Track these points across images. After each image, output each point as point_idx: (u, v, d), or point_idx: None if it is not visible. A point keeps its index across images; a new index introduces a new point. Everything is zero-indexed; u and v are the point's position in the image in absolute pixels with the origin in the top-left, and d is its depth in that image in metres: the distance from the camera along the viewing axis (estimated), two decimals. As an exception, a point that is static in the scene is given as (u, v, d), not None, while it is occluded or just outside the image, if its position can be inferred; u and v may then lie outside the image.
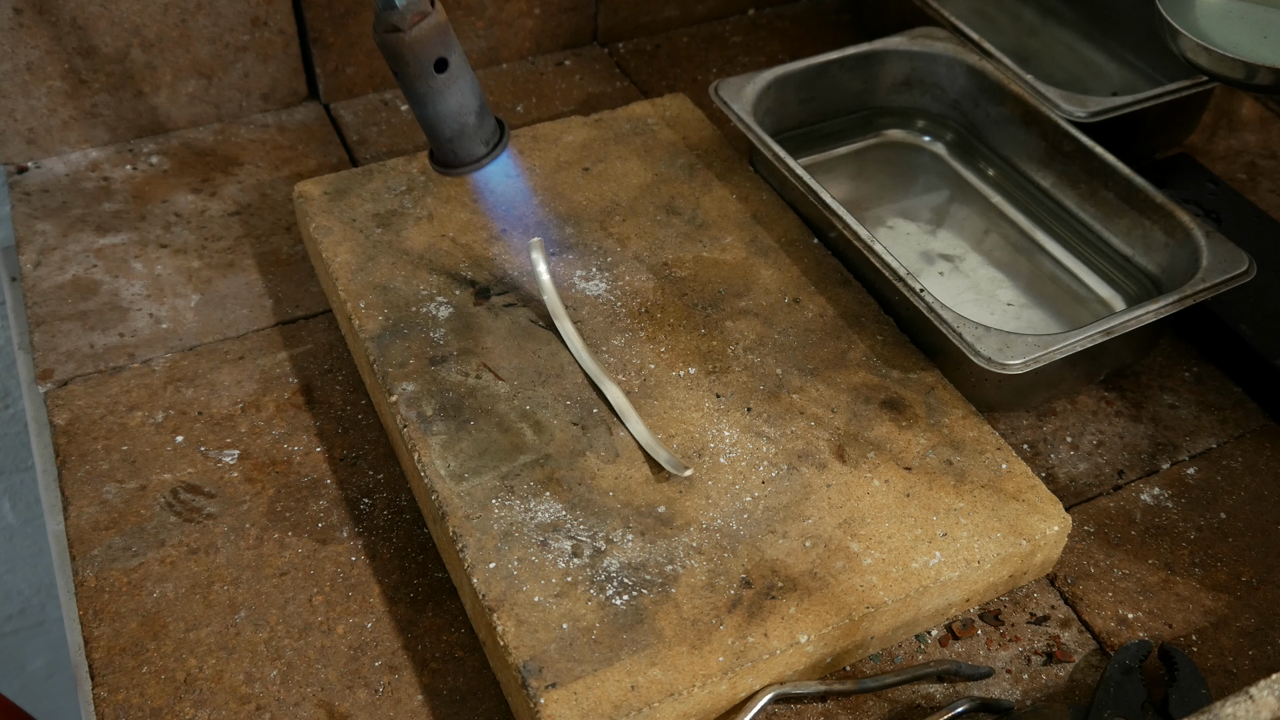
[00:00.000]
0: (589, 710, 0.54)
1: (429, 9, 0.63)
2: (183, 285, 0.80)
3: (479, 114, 0.67)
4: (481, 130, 0.68)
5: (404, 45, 0.62)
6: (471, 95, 0.66)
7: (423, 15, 0.62)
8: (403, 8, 0.62)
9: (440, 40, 0.63)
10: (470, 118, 0.66)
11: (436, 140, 0.67)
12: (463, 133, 0.67)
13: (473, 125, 0.67)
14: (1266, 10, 0.74)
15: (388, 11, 0.62)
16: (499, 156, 0.69)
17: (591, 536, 0.61)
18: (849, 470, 0.65)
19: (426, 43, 0.63)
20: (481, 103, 0.67)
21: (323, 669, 0.60)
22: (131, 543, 0.65)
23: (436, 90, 0.64)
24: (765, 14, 1.09)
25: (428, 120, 0.66)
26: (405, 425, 0.66)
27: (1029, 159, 0.86)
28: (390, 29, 0.62)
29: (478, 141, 0.68)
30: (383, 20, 0.63)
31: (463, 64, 0.65)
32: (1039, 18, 1.05)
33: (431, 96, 0.65)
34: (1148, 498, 0.71)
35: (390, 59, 0.64)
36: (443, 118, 0.66)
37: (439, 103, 0.65)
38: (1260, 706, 0.46)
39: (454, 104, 0.65)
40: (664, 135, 0.86)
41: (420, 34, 0.62)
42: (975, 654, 0.63)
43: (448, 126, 0.66)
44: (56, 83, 0.85)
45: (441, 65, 0.64)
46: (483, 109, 0.67)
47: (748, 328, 0.73)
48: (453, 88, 0.65)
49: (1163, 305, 0.69)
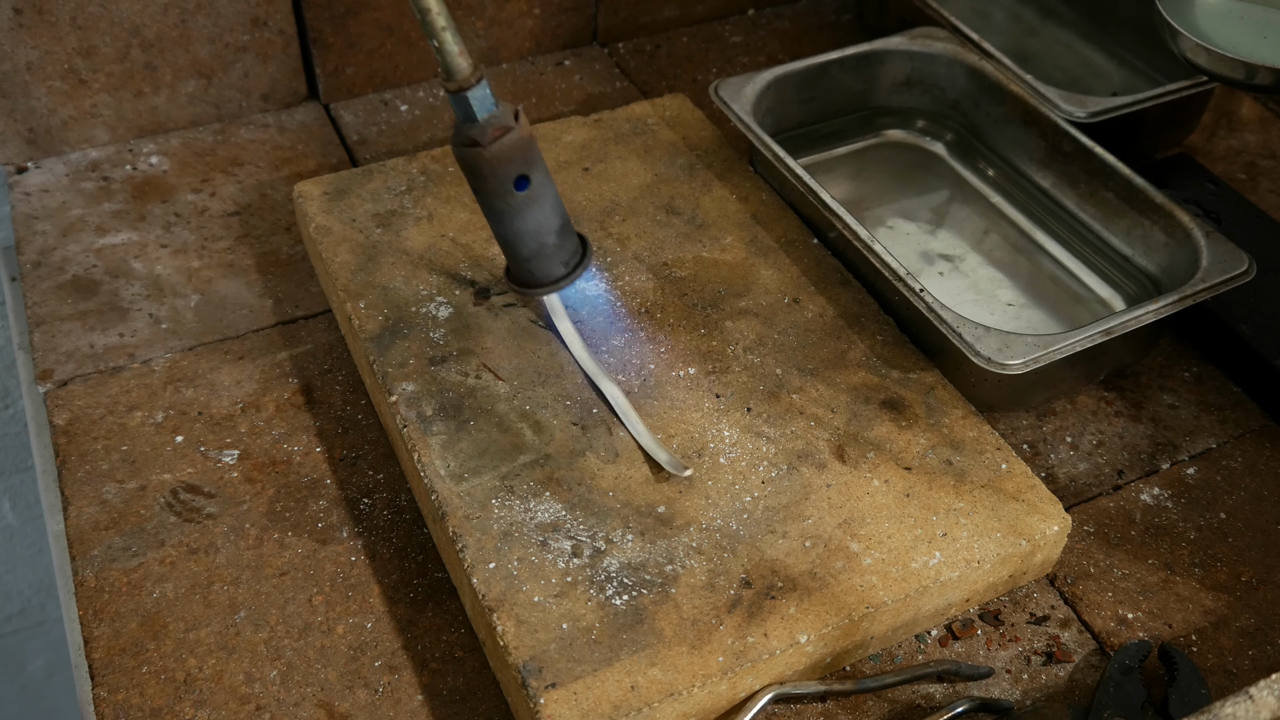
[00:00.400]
0: (589, 710, 0.54)
1: (512, 123, 0.59)
2: (183, 285, 0.80)
3: (560, 233, 0.63)
4: (561, 250, 0.63)
5: (482, 161, 0.59)
6: (553, 214, 0.62)
7: (504, 130, 0.59)
8: (484, 122, 0.58)
9: (522, 157, 0.59)
10: (550, 237, 0.62)
11: (513, 258, 0.63)
12: (541, 253, 0.63)
13: (552, 245, 0.63)
14: (1266, 10, 0.74)
15: (467, 124, 0.59)
16: (579, 278, 0.64)
17: (591, 536, 0.61)
18: (849, 470, 0.65)
19: (507, 160, 0.59)
20: (564, 221, 0.63)
21: (323, 669, 0.60)
22: (131, 543, 0.65)
23: (515, 208, 0.60)
24: (765, 14, 1.09)
25: (504, 238, 0.62)
26: (405, 425, 0.66)
27: (1029, 159, 0.86)
28: (469, 143, 0.59)
29: (556, 262, 0.63)
30: (461, 133, 0.59)
31: (545, 180, 0.61)
32: (1039, 18, 1.05)
33: (509, 214, 0.61)
34: (1148, 498, 0.71)
35: (467, 173, 0.60)
36: (520, 236, 0.62)
37: (517, 221, 0.61)
38: (1260, 706, 0.46)
39: (533, 223, 0.61)
40: (664, 135, 0.86)
41: (500, 150, 0.58)
42: (975, 654, 0.63)
43: (525, 246, 0.62)
44: (56, 83, 0.85)
45: (522, 183, 0.60)
46: (564, 228, 0.63)
47: (747, 328, 0.73)
48: (533, 206, 0.61)
49: (1163, 305, 0.69)
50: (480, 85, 0.58)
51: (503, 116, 0.59)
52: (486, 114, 0.58)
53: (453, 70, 0.58)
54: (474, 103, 0.58)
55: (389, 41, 0.94)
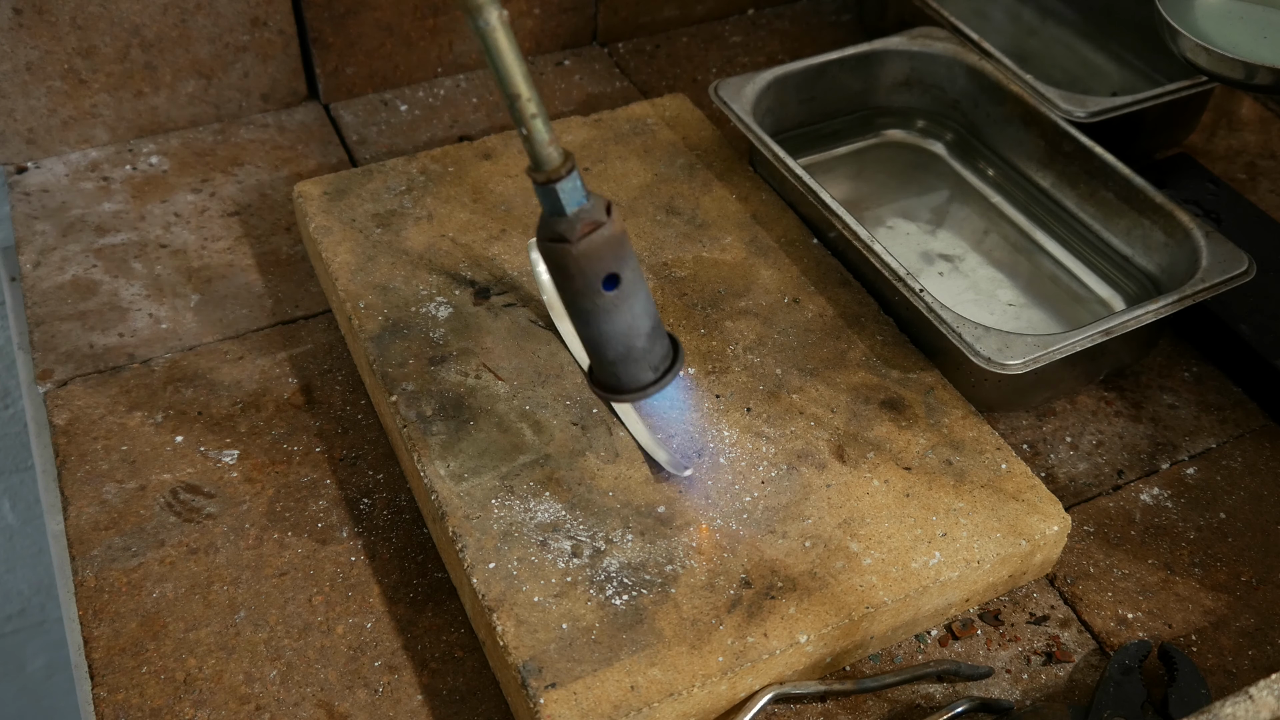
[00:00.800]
0: (589, 710, 0.54)
1: (604, 218, 0.55)
2: (183, 285, 0.80)
3: (650, 336, 0.58)
4: (650, 355, 0.59)
5: (570, 259, 0.54)
6: (643, 315, 0.58)
7: (595, 226, 0.54)
8: (572, 216, 0.54)
9: (613, 254, 0.55)
10: (639, 340, 0.58)
11: (597, 360, 0.59)
12: (629, 356, 0.58)
13: (640, 349, 0.58)
14: (1266, 10, 0.74)
15: (555, 219, 0.54)
16: (669, 384, 0.60)
17: (591, 536, 0.61)
18: (849, 470, 0.65)
19: (596, 258, 0.54)
20: (655, 323, 0.59)
21: (322, 669, 0.60)
22: (131, 543, 0.65)
23: (603, 309, 0.56)
24: (765, 14, 1.09)
25: (590, 339, 0.58)
26: (405, 425, 0.66)
27: (1029, 159, 0.86)
28: (556, 239, 0.54)
29: (645, 367, 0.59)
30: (547, 227, 0.55)
31: (636, 279, 0.57)
32: (1039, 18, 1.05)
33: (597, 315, 0.56)
34: (1147, 498, 0.71)
35: (552, 270, 0.56)
36: (608, 339, 0.57)
37: (604, 323, 0.57)
38: (1260, 706, 0.46)
39: (622, 325, 0.57)
40: (664, 135, 0.86)
41: (590, 248, 0.54)
42: (975, 654, 0.63)
43: (612, 349, 0.58)
44: (56, 83, 0.85)
45: (612, 282, 0.56)
46: (655, 330, 0.59)
47: (747, 328, 0.73)
48: (622, 307, 0.56)
49: (1163, 305, 0.69)
50: (571, 176, 0.54)
51: (594, 211, 0.54)
52: (576, 207, 0.54)
53: (542, 161, 0.53)
54: (563, 196, 0.54)
55: (389, 41, 0.94)
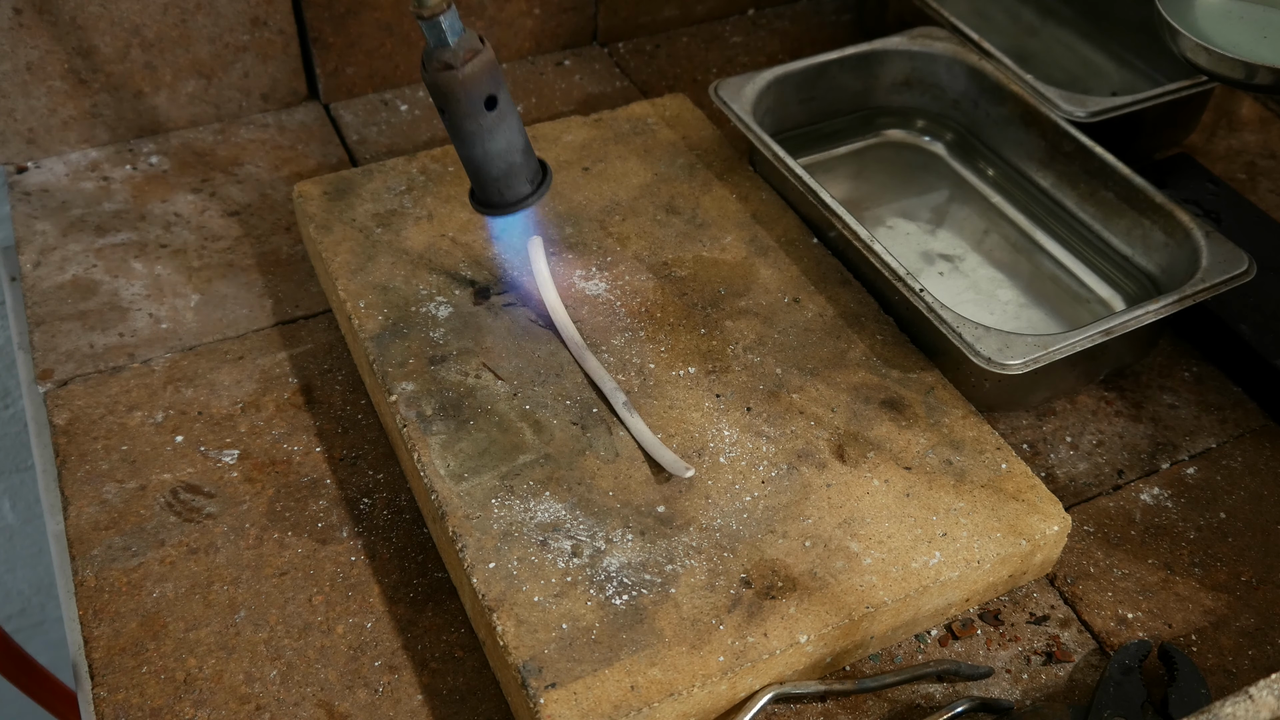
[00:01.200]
0: (589, 710, 0.54)
1: (480, 45, 0.61)
2: (183, 285, 0.80)
3: (525, 152, 0.65)
4: (527, 168, 0.66)
5: (456, 83, 0.61)
6: (519, 133, 0.65)
7: (475, 52, 0.61)
8: (455, 45, 0.61)
9: (491, 77, 0.62)
10: (518, 156, 0.65)
11: (482, 180, 0.65)
12: (510, 171, 0.65)
13: (520, 163, 0.65)
14: (1266, 10, 0.74)
15: (440, 49, 0.61)
16: (544, 194, 0.67)
17: (591, 536, 0.61)
18: (849, 470, 0.65)
19: (478, 80, 0.61)
20: (527, 142, 0.65)
21: (323, 669, 0.60)
22: (131, 543, 0.65)
23: (486, 129, 0.63)
24: (765, 14, 1.09)
25: (475, 160, 0.64)
26: (405, 425, 0.66)
27: (1029, 159, 0.86)
28: (444, 66, 0.61)
29: (523, 180, 0.66)
30: (435, 58, 0.61)
31: (509, 102, 0.63)
32: (1039, 18, 1.05)
33: (481, 135, 0.63)
34: (1147, 498, 0.71)
35: (440, 98, 0.62)
36: (491, 157, 0.64)
37: (488, 141, 0.63)
38: (1260, 706, 0.46)
39: (503, 142, 0.64)
40: (664, 135, 0.86)
41: (472, 71, 0.61)
42: (975, 654, 0.63)
43: (495, 166, 0.64)
44: (56, 83, 0.85)
45: (492, 103, 0.62)
46: (528, 148, 0.65)
47: (747, 327, 0.73)
48: (502, 125, 0.63)
49: (1163, 305, 0.69)
50: (451, 11, 0.60)
51: (471, 40, 0.61)
52: (457, 37, 0.60)
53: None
54: (446, 27, 0.60)
55: (389, 41, 0.94)
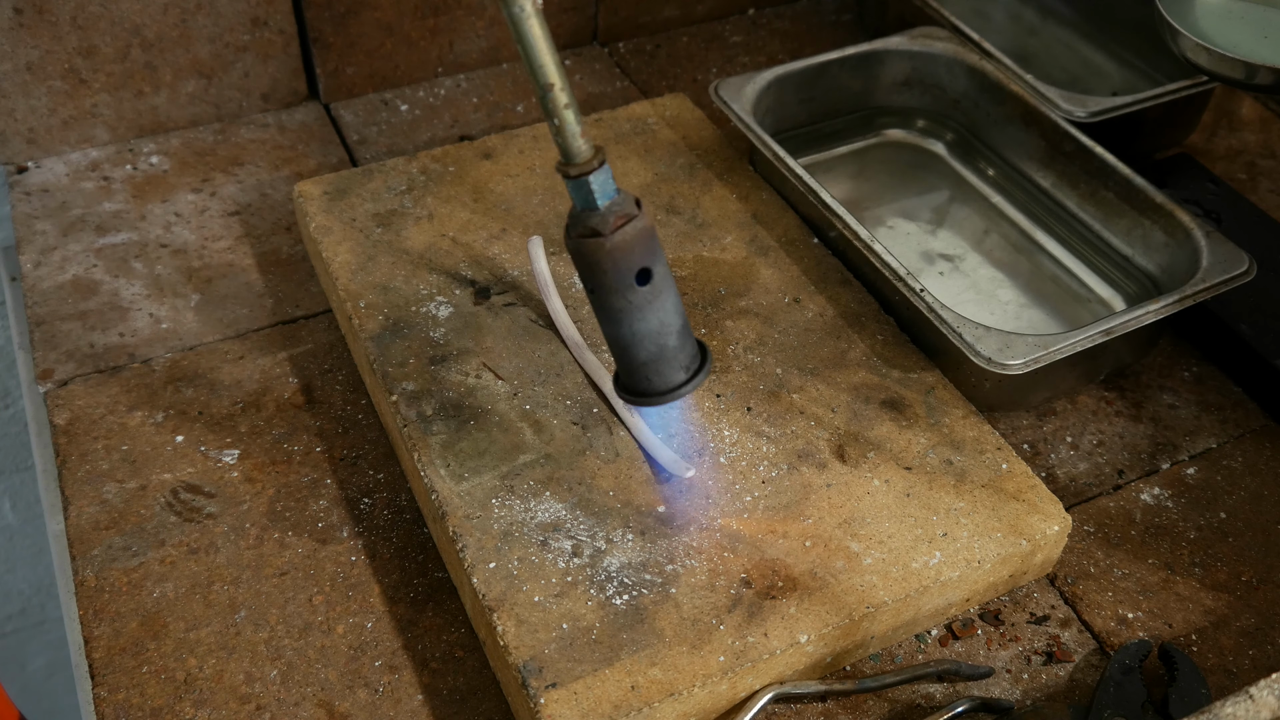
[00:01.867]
0: (589, 710, 0.54)
1: (635, 211, 0.54)
2: (183, 285, 0.80)
3: (681, 333, 0.57)
4: (682, 353, 0.58)
5: (604, 253, 0.53)
6: (675, 312, 0.57)
7: (627, 219, 0.54)
8: (604, 210, 0.53)
9: (645, 248, 0.54)
10: (671, 339, 0.57)
11: (628, 364, 0.58)
12: (661, 356, 0.57)
13: (673, 348, 0.57)
14: (1266, 10, 0.74)
15: (586, 212, 0.54)
16: (700, 384, 0.59)
17: (591, 536, 0.61)
18: (849, 470, 0.65)
19: (629, 251, 0.54)
20: (685, 320, 0.58)
21: (323, 669, 0.60)
22: (131, 542, 0.65)
23: (636, 306, 0.55)
24: (765, 14, 1.09)
25: (620, 340, 0.57)
26: (405, 425, 0.66)
27: (1029, 159, 0.86)
28: (588, 233, 0.53)
29: (677, 366, 0.58)
30: (579, 222, 0.54)
31: (667, 274, 0.56)
32: (1039, 18, 1.05)
33: (629, 313, 0.55)
34: (1148, 498, 0.71)
35: (584, 268, 0.55)
36: (639, 339, 0.56)
37: (636, 321, 0.56)
38: (1260, 706, 0.46)
39: (654, 323, 0.56)
40: (664, 135, 0.86)
41: (623, 241, 0.53)
42: (975, 654, 0.63)
43: (644, 349, 0.57)
44: (56, 83, 0.85)
45: (645, 277, 0.55)
46: (685, 327, 0.58)
47: (748, 327, 0.73)
48: (655, 303, 0.56)
49: (1163, 305, 0.69)
50: (603, 169, 0.53)
51: (625, 204, 0.54)
52: (608, 200, 0.54)
53: (573, 153, 0.53)
54: (595, 189, 0.53)
55: (389, 41, 0.94)
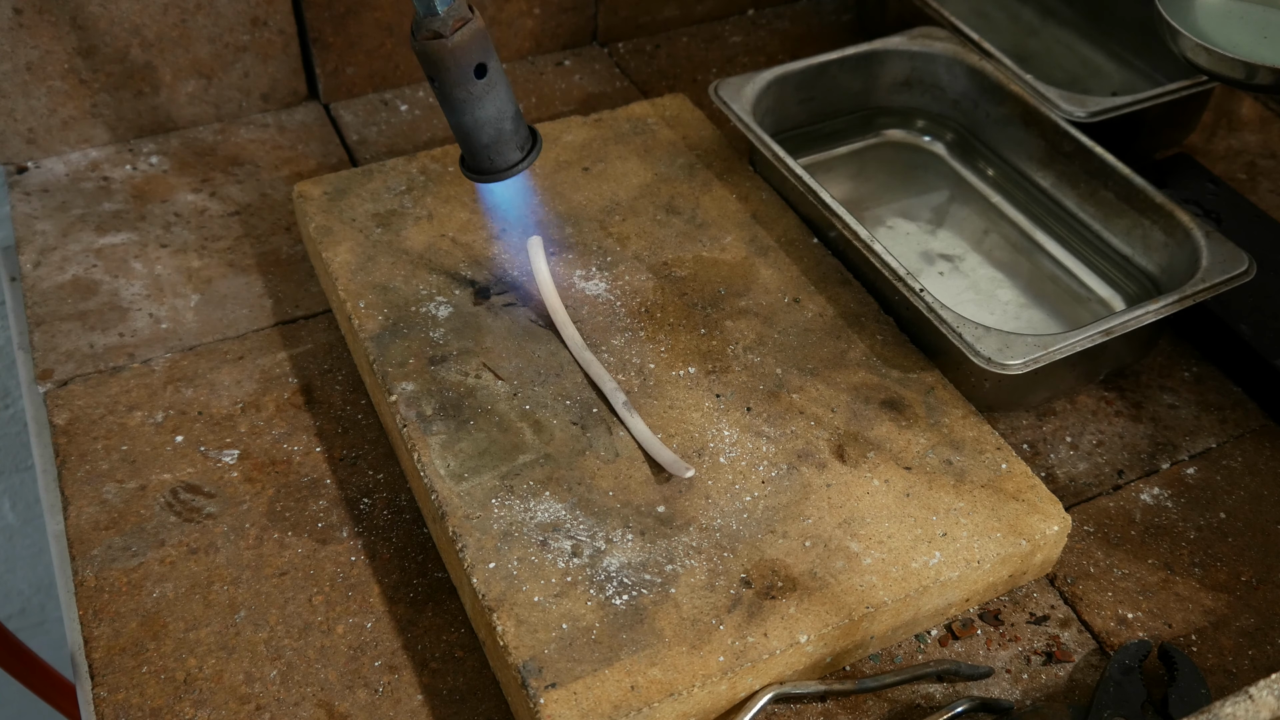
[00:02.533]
0: (589, 710, 0.54)
1: (469, 14, 0.62)
2: (183, 285, 0.80)
3: (515, 119, 0.66)
4: (517, 135, 0.67)
5: (446, 52, 0.62)
6: (509, 100, 0.65)
7: (464, 21, 0.62)
8: (445, 14, 0.61)
9: (480, 46, 0.63)
10: (508, 123, 0.66)
11: (472, 147, 0.66)
12: (500, 138, 0.66)
13: (509, 130, 0.66)
14: (1266, 10, 0.74)
15: (429, 18, 0.61)
16: (534, 160, 0.68)
17: (591, 536, 0.61)
18: (849, 470, 0.65)
19: (468, 49, 0.62)
20: (517, 109, 0.66)
21: (323, 669, 0.60)
22: (131, 543, 0.65)
23: (476, 97, 0.64)
24: (765, 14, 1.09)
25: (465, 127, 0.65)
26: (405, 425, 0.66)
27: (1029, 159, 0.86)
28: (432, 35, 0.61)
29: (513, 147, 0.67)
30: (424, 27, 0.62)
31: (499, 69, 0.64)
32: (1039, 18, 1.05)
33: (471, 103, 0.64)
34: (1147, 498, 0.71)
35: (430, 66, 0.63)
36: (481, 124, 0.65)
37: (478, 109, 0.64)
38: (1260, 706, 0.46)
39: (493, 109, 0.65)
40: (664, 135, 0.86)
41: (462, 40, 0.62)
42: (975, 654, 0.63)
43: (485, 133, 0.65)
44: (56, 83, 0.85)
45: (481, 71, 0.63)
46: (518, 115, 0.66)
47: (748, 327, 0.73)
48: (491, 93, 0.64)
49: (1163, 305, 0.69)
50: None
51: (460, 8, 0.61)
52: (446, 6, 0.61)
53: None
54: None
55: (389, 41, 0.94)
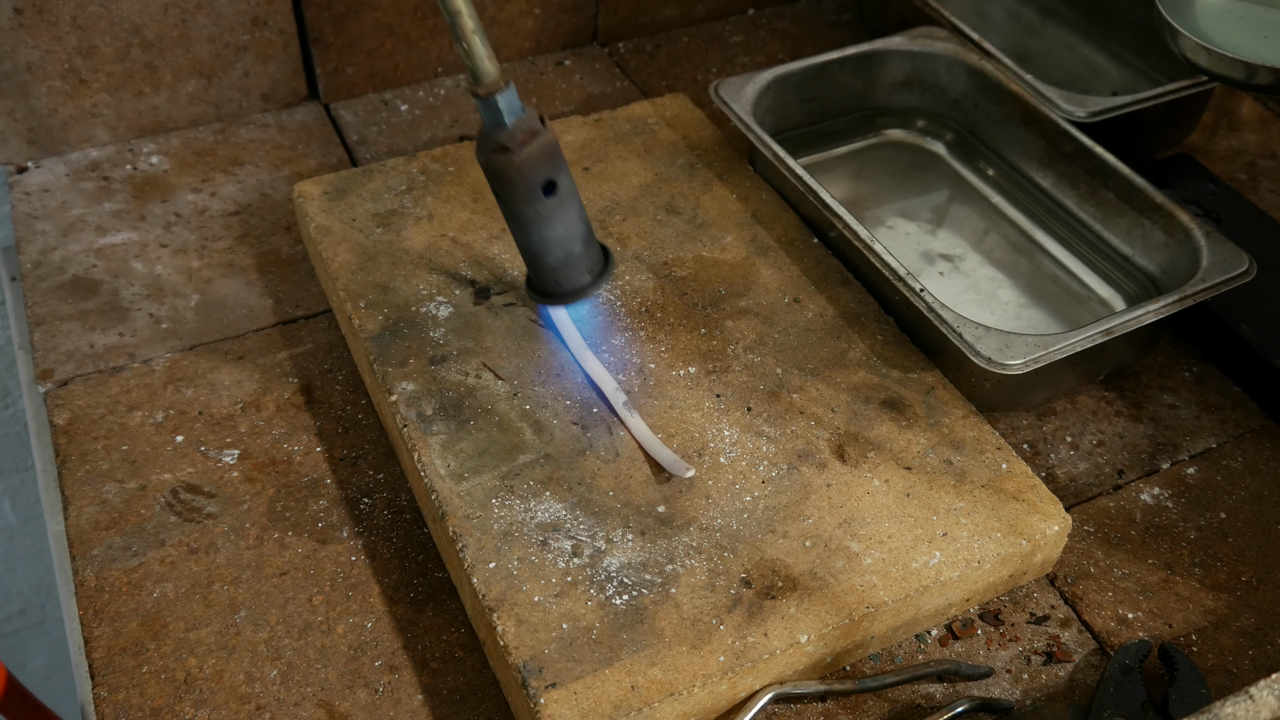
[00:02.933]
0: (589, 710, 0.54)
1: (540, 127, 0.58)
2: (183, 285, 0.80)
3: (585, 240, 0.62)
4: (587, 257, 0.62)
5: (512, 167, 0.57)
6: (579, 220, 0.61)
7: (533, 134, 0.58)
8: (512, 126, 0.57)
9: (550, 162, 0.58)
10: (577, 244, 0.61)
11: (537, 267, 0.62)
12: (568, 261, 0.61)
13: (579, 252, 0.61)
14: (1266, 10, 0.74)
15: (496, 129, 0.57)
16: (605, 285, 0.63)
17: (591, 536, 0.61)
18: (849, 470, 0.65)
19: (536, 165, 0.58)
20: (588, 228, 0.62)
21: (323, 669, 0.60)
22: (131, 543, 0.65)
23: (544, 215, 0.59)
24: (765, 14, 1.09)
25: (530, 247, 0.61)
26: (405, 425, 0.66)
27: (1029, 159, 0.86)
28: (499, 148, 0.57)
29: (582, 270, 0.62)
30: (490, 139, 0.58)
31: (571, 186, 0.60)
32: (1039, 18, 1.05)
33: (538, 222, 0.60)
34: (1148, 498, 0.71)
35: (495, 181, 0.59)
36: (548, 245, 0.61)
37: (544, 228, 0.60)
38: (1260, 706, 0.46)
39: (561, 230, 0.60)
40: (664, 135, 0.86)
41: (530, 155, 0.57)
42: (975, 654, 0.63)
43: (552, 254, 0.61)
44: (57, 82, 0.85)
45: (551, 188, 0.59)
46: (589, 234, 0.62)
47: (748, 327, 0.73)
48: (561, 212, 0.60)
49: (1163, 305, 0.69)
50: (509, 89, 0.57)
51: (530, 120, 0.58)
52: (514, 119, 0.57)
53: (481, 75, 0.56)
54: (503, 107, 0.57)
55: (389, 41, 0.94)
